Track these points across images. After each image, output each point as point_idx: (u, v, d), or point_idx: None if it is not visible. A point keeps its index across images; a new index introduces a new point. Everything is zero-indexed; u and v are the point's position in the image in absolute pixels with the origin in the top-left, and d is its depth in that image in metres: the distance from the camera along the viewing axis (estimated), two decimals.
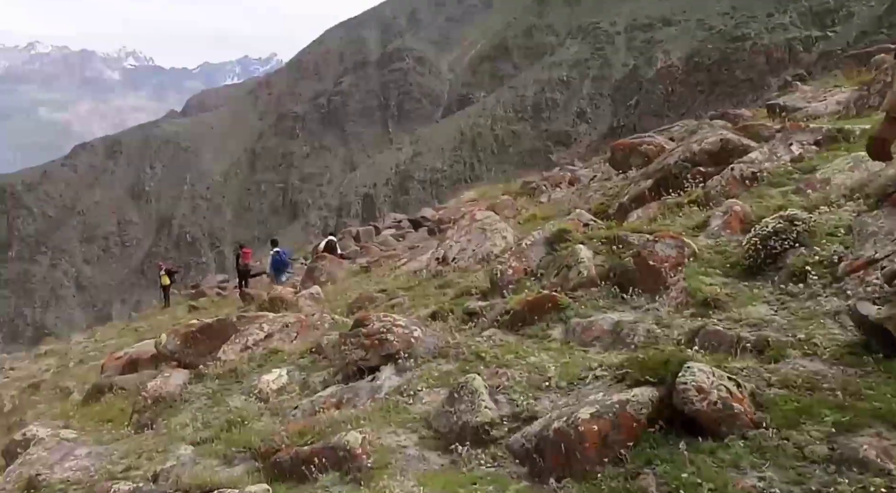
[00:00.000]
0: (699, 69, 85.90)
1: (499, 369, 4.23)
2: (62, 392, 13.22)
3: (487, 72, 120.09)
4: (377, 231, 30.06)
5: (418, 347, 5.06)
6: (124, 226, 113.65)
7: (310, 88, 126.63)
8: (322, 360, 6.19)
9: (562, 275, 5.26)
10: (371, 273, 11.55)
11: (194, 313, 21.36)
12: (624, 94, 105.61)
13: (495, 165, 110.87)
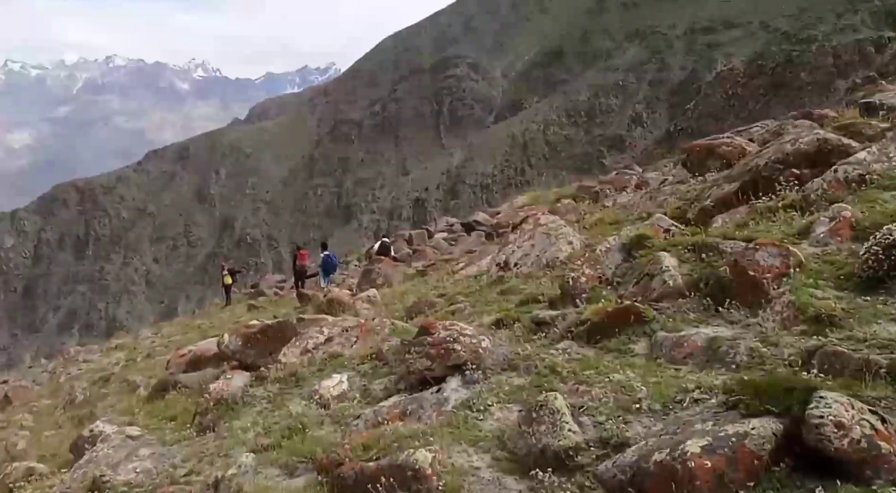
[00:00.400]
0: (762, 72, 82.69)
1: (578, 386, 3.84)
2: (129, 386, 13.48)
3: (541, 77, 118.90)
4: (429, 235, 29.88)
5: (486, 358, 4.71)
6: (190, 227, 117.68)
7: (365, 96, 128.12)
8: (383, 367, 5.92)
9: (643, 284, 4.81)
10: (428, 277, 11.26)
11: (253, 312, 21.63)
12: (682, 98, 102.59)
13: (547, 170, 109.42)
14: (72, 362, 22.50)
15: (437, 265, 11.39)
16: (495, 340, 4.97)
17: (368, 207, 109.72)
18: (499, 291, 7.44)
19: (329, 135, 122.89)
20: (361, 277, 12.11)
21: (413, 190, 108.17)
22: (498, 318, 6.04)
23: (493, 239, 11.65)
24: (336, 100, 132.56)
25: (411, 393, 4.89)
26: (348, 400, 5.49)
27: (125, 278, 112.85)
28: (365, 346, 6.68)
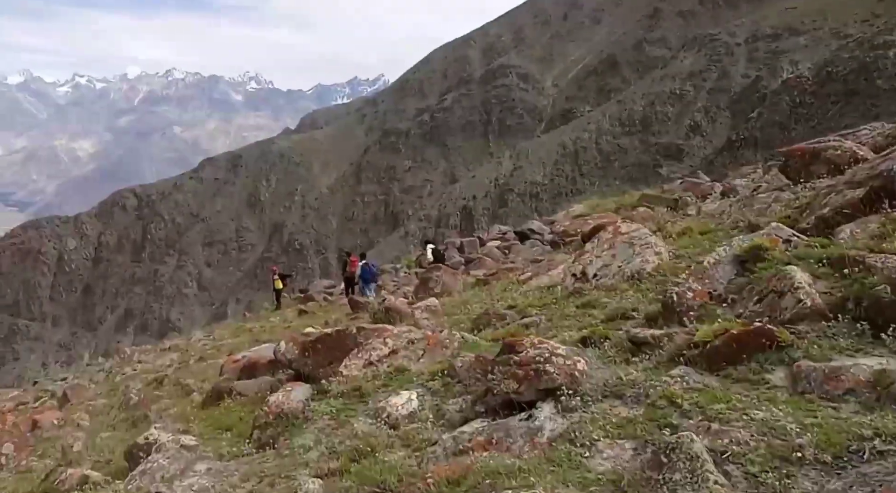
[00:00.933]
0: (833, 79, 79.37)
1: (709, 423, 3.23)
2: (183, 390, 13.41)
3: (593, 86, 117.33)
4: (481, 242, 29.32)
5: (584, 382, 4.15)
6: (241, 232, 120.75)
7: (414, 106, 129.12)
8: (456, 384, 5.42)
9: (769, 303, 4.16)
10: (490, 286, 10.72)
11: (304, 318, 21.56)
12: (743, 106, 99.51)
13: (599, 179, 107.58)
14: (127, 362, 22.90)
15: (499, 274, 10.85)
16: (590, 361, 4.40)
17: (416, 214, 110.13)
18: (578, 304, 6.85)
19: (377, 144, 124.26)
20: (419, 285, 11.67)
21: (461, 198, 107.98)
22: (584, 335, 5.46)
23: (559, 248, 11.01)
24: (385, 110, 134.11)
25: (494, 418, 4.36)
26: (419, 421, 5.01)
27: (178, 281, 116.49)
28: (433, 360, 6.20)
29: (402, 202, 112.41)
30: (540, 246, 26.49)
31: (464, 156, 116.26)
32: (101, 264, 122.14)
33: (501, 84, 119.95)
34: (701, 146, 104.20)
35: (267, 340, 17.58)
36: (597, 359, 4.71)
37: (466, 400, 5.02)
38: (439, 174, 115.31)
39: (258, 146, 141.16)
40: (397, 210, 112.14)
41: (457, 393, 5.28)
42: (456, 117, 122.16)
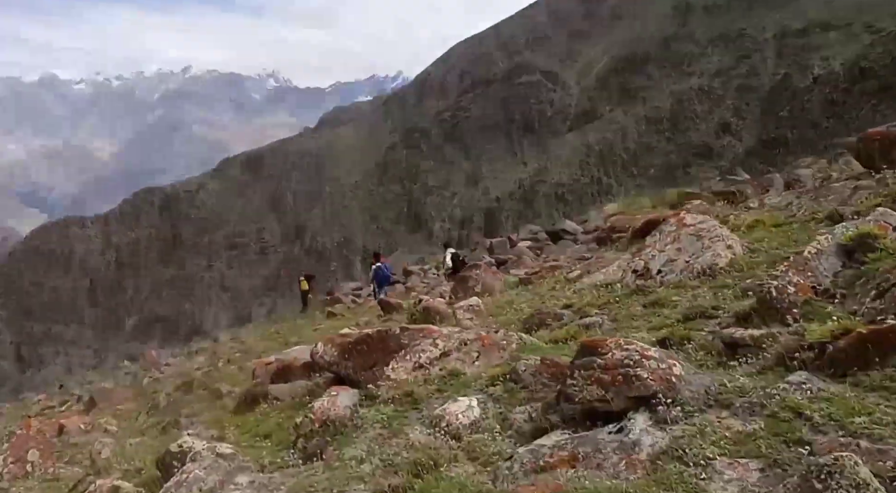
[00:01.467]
0: (867, 76, 77.58)
1: (855, 440, 2.74)
2: (213, 394, 13.15)
3: (618, 84, 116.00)
4: (511, 243, 28.86)
5: (682, 389, 3.68)
6: (263, 234, 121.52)
7: (435, 104, 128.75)
8: (520, 390, 4.98)
9: (892, 297, 3.64)
10: (534, 286, 10.25)
11: (333, 320, 21.28)
12: (774, 104, 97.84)
13: (626, 180, 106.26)
14: (154, 366, 22.86)
15: (542, 273, 10.37)
16: (684, 366, 3.92)
17: (439, 215, 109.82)
18: (644, 303, 6.35)
19: (399, 143, 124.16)
20: (457, 284, 11.24)
21: (484, 199, 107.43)
22: (661, 336, 4.98)
23: (606, 245, 10.49)
24: (405, 108, 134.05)
25: (576, 430, 3.91)
26: (484, 431, 4.57)
27: (204, 284, 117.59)
28: (490, 364, 5.76)
29: (425, 203, 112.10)
30: (573, 246, 25.95)
31: (487, 156, 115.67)
32: (124, 266, 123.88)
33: (524, 82, 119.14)
34: (731, 146, 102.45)
35: (296, 342, 17.33)
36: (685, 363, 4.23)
37: (535, 408, 4.58)
38: (462, 175, 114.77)
39: (279, 146, 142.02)
40: (420, 211, 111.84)
41: (522, 401, 4.84)
42: (478, 116, 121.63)
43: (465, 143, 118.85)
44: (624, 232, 10.57)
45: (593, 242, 11.23)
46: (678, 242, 6.93)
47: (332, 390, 5.78)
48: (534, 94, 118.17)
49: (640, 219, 10.72)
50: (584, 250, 11.80)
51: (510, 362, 5.50)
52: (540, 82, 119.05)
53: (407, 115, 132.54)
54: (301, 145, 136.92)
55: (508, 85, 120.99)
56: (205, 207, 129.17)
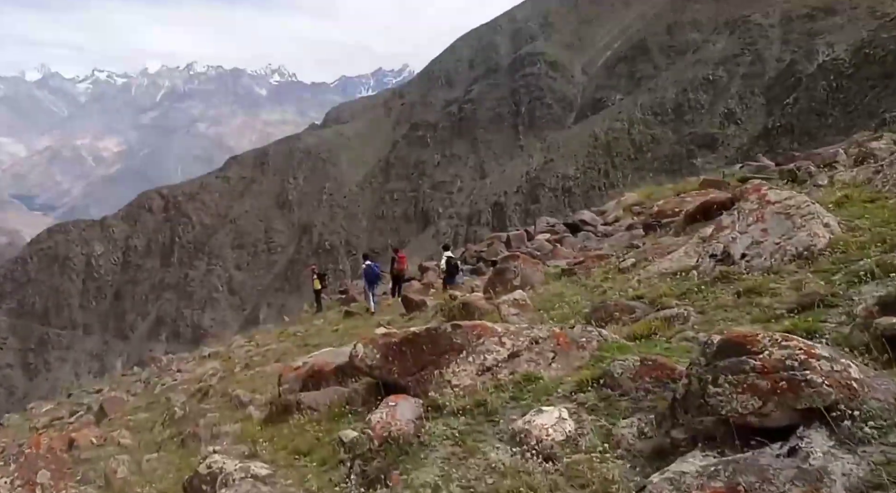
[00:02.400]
0: (870, 61, 76.46)
1: None
2: (232, 402, 12.43)
3: (624, 73, 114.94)
4: (529, 236, 28.03)
5: (867, 397, 2.89)
6: (270, 233, 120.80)
7: (441, 97, 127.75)
8: (620, 398, 4.19)
9: None
10: (579, 277, 9.45)
11: (350, 319, 20.54)
12: (779, 92, 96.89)
13: (632, 172, 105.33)
14: (165, 371, 22.16)
15: (587, 263, 9.58)
16: None
17: (446, 211, 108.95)
18: (735, 291, 5.56)
19: (405, 138, 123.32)
20: (493, 277, 10.46)
21: (492, 193, 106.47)
22: (784, 329, 4.18)
23: (655, 230, 9.68)
24: (411, 102, 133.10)
25: (721, 451, 3.12)
26: (585, 451, 3.79)
27: (209, 285, 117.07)
28: (570, 366, 4.98)
29: (432, 199, 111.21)
30: (594, 237, 25.14)
31: (493, 149, 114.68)
32: (129, 268, 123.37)
33: (530, 72, 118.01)
34: (736, 135, 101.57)
35: (318, 345, 16.59)
36: None
37: (647, 421, 3.79)
38: (469, 169, 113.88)
39: (284, 143, 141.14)
40: (427, 207, 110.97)
41: (625, 411, 4.06)
42: (484, 109, 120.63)
43: (472, 136, 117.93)
44: (673, 217, 9.76)
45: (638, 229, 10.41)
46: (762, 221, 6.13)
47: (390, 400, 5.01)
48: (540, 84, 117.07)
49: (690, 202, 9.92)
50: (627, 237, 10.98)
51: (597, 364, 4.72)
52: (546, 72, 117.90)
53: (413, 109, 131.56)
54: (306, 142, 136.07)
55: (515, 75, 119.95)
56: (210, 207, 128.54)
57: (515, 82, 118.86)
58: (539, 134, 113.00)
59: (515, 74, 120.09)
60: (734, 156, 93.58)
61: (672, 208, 9.90)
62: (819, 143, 70.99)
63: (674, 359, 4.31)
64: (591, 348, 5.02)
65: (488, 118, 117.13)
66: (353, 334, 16.40)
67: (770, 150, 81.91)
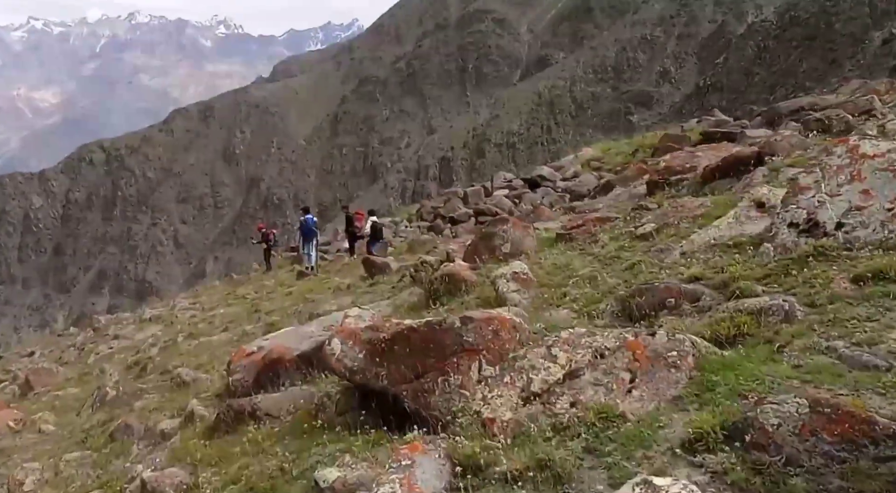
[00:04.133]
0: (795, 24, 77.45)
1: None
2: (173, 381, 10.36)
3: (567, 32, 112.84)
4: (486, 192, 26.32)
5: None
6: (217, 187, 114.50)
7: (390, 53, 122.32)
8: (785, 471, 2.49)
9: None
10: (581, 243, 7.77)
11: (305, 281, 18.43)
12: (710, 52, 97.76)
13: (573, 128, 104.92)
14: (101, 336, 19.56)
15: (587, 227, 7.91)
16: None
17: (394, 166, 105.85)
18: (848, 274, 3.94)
19: (354, 93, 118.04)
20: (476, 242, 8.68)
21: (438, 149, 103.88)
22: None
23: (662, 189, 8.04)
24: (360, 57, 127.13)
25: None
26: None
27: (153, 239, 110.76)
28: (659, 394, 3.24)
29: (381, 154, 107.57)
30: (553, 193, 23.61)
31: (441, 105, 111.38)
32: (70, 222, 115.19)
33: (477, 30, 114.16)
34: (669, 93, 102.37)
35: (270, 311, 14.53)
36: None
37: None
38: (417, 124, 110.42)
39: (231, 96, 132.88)
40: (376, 162, 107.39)
41: (800, 489, 2.36)
42: (433, 65, 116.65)
43: (420, 92, 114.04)
44: (683, 174, 8.13)
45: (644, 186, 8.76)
46: (860, 180, 4.53)
47: (404, 454, 3.15)
48: (487, 41, 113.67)
49: (702, 157, 8.30)
50: (626, 196, 9.33)
51: (706, 395, 3.01)
52: (493, 30, 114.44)
53: (363, 63, 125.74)
54: (254, 95, 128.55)
55: (463, 32, 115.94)
56: (154, 160, 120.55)
57: (463, 39, 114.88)
58: (486, 91, 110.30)
59: (464, 31, 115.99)
60: (668, 113, 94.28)
61: (681, 164, 8.26)
62: (745, 100, 71.87)
63: (853, 401, 2.64)
64: (687, 367, 3.31)
65: (436, 74, 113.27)
66: (308, 298, 14.44)
67: (701, 107, 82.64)
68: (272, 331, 12.36)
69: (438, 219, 24.21)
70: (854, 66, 63.46)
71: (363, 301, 12.13)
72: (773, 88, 74.68)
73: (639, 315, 4.69)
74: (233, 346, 12.44)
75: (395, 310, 8.27)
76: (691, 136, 20.60)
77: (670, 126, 57.55)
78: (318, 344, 7.12)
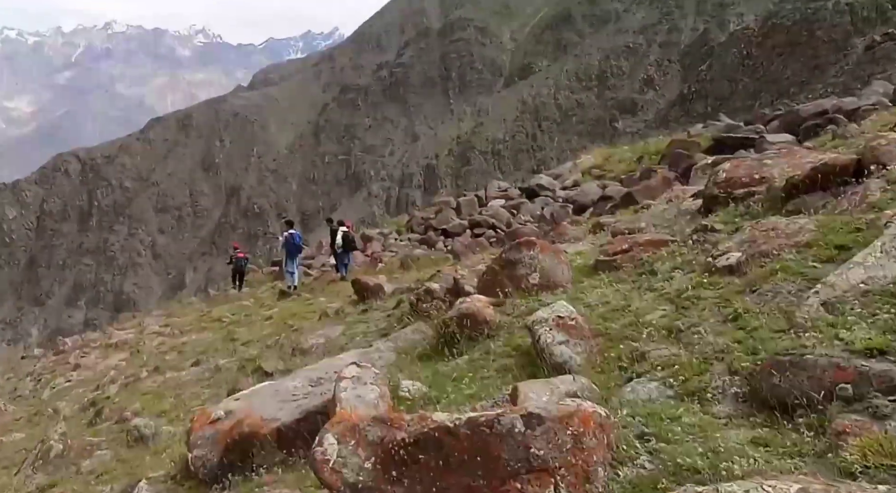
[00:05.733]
0: (777, 31, 77.72)
1: None
2: (128, 435, 8.63)
3: (550, 40, 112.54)
4: (480, 202, 24.85)
5: None
6: (196, 197, 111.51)
7: (372, 61, 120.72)
8: None
9: None
10: (628, 274, 6.27)
11: (285, 300, 16.72)
12: (693, 59, 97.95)
13: (558, 135, 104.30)
14: (62, 364, 17.60)
15: (634, 252, 6.41)
16: None
17: (378, 174, 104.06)
18: None
19: (335, 101, 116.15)
20: (498, 271, 7.13)
21: (423, 157, 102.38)
22: None
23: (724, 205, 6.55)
24: (341, 65, 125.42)
25: None
26: None
27: (131, 250, 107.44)
28: None
29: (364, 162, 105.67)
30: (552, 202, 22.16)
31: (424, 113, 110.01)
32: (44, 233, 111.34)
33: (459, 38, 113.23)
34: (653, 101, 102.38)
35: (247, 341, 12.81)
36: None
37: None
38: (400, 132, 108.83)
39: (209, 105, 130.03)
40: (359, 170, 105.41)
41: None
42: (415, 73, 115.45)
43: (402, 100, 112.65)
44: (752, 187, 6.67)
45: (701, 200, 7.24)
46: None
47: None
48: (470, 49, 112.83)
49: (774, 166, 6.85)
50: (673, 212, 7.82)
51: None
52: (476, 38, 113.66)
53: (344, 72, 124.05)
54: (233, 104, 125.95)
55: (445, 41, 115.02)
56: (131, 170, 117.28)
57: (446, 47, 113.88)
58: (469, 98, 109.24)
59: (446, 39, 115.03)
60: (653, 120, 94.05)
61: (748, 175, 6.80)
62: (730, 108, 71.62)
63: None
64: None
65: (419, 82, 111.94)
66: (290, 325, 12.77)
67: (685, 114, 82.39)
68: (248, 368, 10.69)
69: (430, 231, 22.66)
70: (837, 73, 63.31)
71: (355, 332, 10.48)
72: (756, 94, 74.61)
73: (784, 406, 3.14)
74: (203, 386, 10.74)
75: (399, 357, 6.67)
76: (701, 141, 19.34)
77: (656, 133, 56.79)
78: (304, 414, 5.50)
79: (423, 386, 5.23)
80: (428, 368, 5.91)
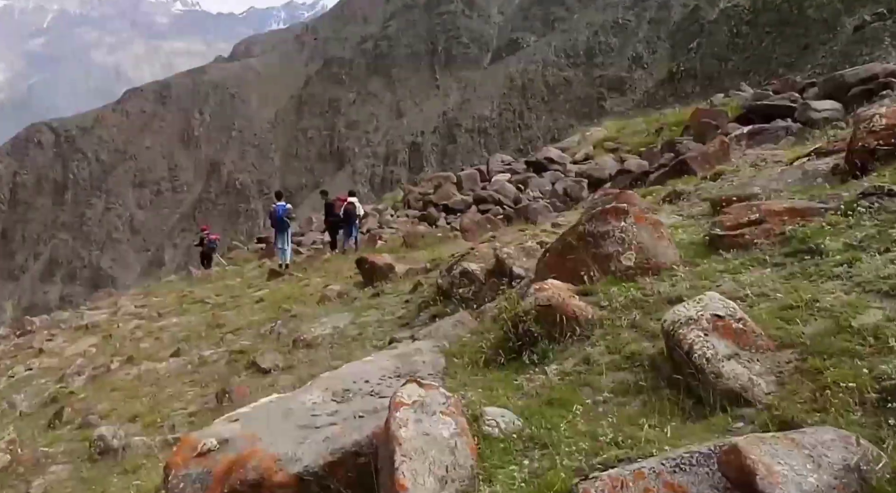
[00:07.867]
0: (768, 9, 76.09)
1: None
2: (93, 447, 6.87)
3: (538, 15, 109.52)
4: (483, 176, 23.06)
5: None
6: (175, 171, 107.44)
7: (356, 33, 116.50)
8: None
9: None
10: (765, 252, 4.60)
11: (278, 281, 14.87)
12: (683, 37, 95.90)
13: (545, 114, 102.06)
14: (26, 349, 15.55)
15: (771, 224, 4.71)
16: None
17: (362, 151, 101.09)
18: None
19: (318, 74, 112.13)
20: (574, 244, 5.39)
21: (408, 133, 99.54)
22: None
23: (868, 173, 4.84)
24: (325, 37, 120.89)
25: None
26: None
27: (108, 225, 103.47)
28: None
29: (348, 138, 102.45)
30: (563, 177, 20.45)
31: (410, 88, 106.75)
32: (18, 207, 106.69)
33: (446, 10, 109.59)
34: (642, 79, 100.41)
35: (236, 328, 10.97)
36: None
37: None
38: (385, 108, 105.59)
39: (188, 75, 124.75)
40: (343, 147, 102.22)
41: None
42: (401, 46, 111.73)
43: (388, 74, 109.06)
44: None
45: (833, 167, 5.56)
46: None
47: None
48: (457, 23, 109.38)
49: None
50: (797, 175, 6.10)
51: None
52: (463, 10, 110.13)
53: (327, 44, 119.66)
54: (213, 75, 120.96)
55: (432, 13, 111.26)
56: (108, 142, 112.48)
57: (432, 20, 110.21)
58: (455, 74, 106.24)
59: (432, 12, 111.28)
60: (642, 99, 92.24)
61: (885, 137, 5.07)
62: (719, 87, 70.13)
63: None
64: None
65: (405, 56, 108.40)
66: (285, 309, 10.98)
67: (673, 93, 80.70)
68: (240, 362, 8.89)
69: (430, 207, 20.85)
70: (826, 54, 62.06)
71: (366, 321, 8.74)
72: (746, 73, 73.10)
73: None
74: (185, 383, 8.95)
75: (451, 362, 4.91)
76: (728, 111, 17.75)
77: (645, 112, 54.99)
78: (337, 454, 3.72)
79: (513, 416, 3.49)
80: (503, 382, 4.19)
